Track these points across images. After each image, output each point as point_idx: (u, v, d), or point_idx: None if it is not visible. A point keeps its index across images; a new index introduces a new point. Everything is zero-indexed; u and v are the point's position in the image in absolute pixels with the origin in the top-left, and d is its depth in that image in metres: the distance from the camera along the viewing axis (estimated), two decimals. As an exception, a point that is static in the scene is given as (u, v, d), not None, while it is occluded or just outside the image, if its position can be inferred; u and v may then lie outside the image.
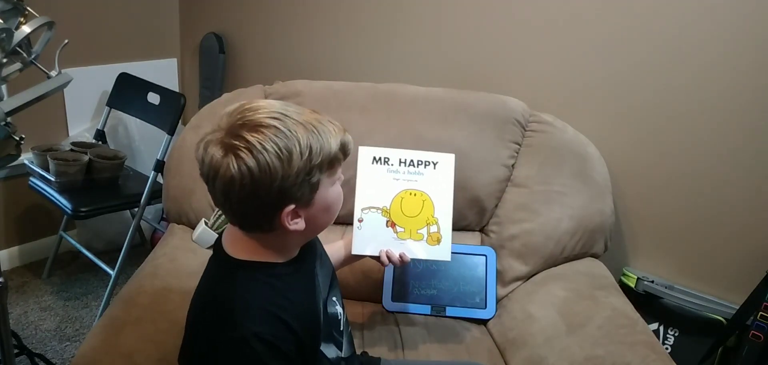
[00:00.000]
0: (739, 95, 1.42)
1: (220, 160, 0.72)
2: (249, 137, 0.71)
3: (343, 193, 0.87)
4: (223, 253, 0.83)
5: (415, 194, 1.19)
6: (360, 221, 1.17)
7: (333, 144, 0.77)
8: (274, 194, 0.73)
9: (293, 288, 0.82)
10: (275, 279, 0.81)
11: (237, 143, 0.71)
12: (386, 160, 1.20)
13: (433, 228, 1.19)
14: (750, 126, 1.43)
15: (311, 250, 0.92)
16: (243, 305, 0.76)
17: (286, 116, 0.74)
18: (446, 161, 1.21)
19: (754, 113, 1.42)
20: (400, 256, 1.14)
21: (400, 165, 1.20)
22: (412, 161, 1.21)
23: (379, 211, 1.18)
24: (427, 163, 1.21)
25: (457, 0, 1.79)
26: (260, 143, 0.71)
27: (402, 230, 1.18)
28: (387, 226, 1.18)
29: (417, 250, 1.18)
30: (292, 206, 0.76)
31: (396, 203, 1.19)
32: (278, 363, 0.74)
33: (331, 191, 0.82)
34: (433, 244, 1.18)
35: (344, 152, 0.81)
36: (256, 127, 0.72)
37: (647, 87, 1.54)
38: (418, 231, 1.18)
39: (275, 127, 0.72)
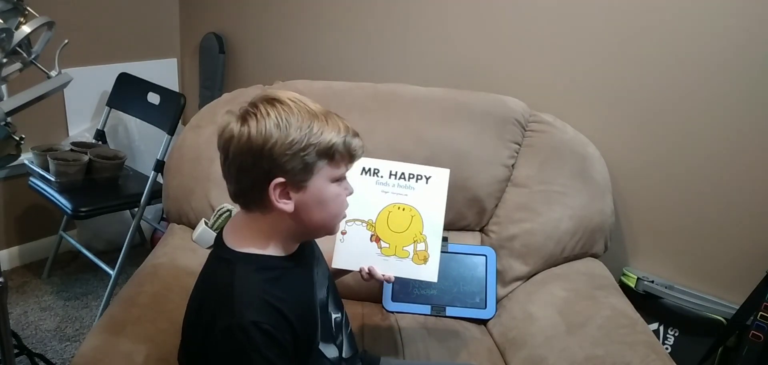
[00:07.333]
0: (740, 95, 1.42)
1: (229, 122, 0.78)
2: (261, 107, 0.77)
3: (346, 203, 0.87)
4: (224, 246, 0.84)
5: (403, 209, 1.13)
6: (343, 233, 1.11)
7: (334, 136, 0.80)
8: (266, 159, 0.76)
9: (291, 282, 0.84)
10: (274, 271, 0.82)
11: (251, 110, 0.78)
12: (376, 171, 1.14)
13: (421, 246, 1.11)
14: (750, 126, 1.43)
15: (310, 251, 0.93)
16: (242, 294, 0.77)
17: (303, 101, 0.80)
18: (440, 176, 1.14)
19: (754, 113, 1.42)
20: (384, 276, 1.07)
21: (390, 178, 1.14)
22: (403, 174, 1.14)
23: (364, 224, 1.12)
24: (419, 177, 1.14)
25: (458, 0, 1.79)
26: (267, 112, 0.76)
27: (387, 245, 1.11)
28: (371, 241, 1.11)
29: (401, 268, 1.10)
30: (281, 179, 0.78)
31: (382, 217, 1.12)
32: (275, 352, 0.75)
33: (330, 187, 0.83)
34: (419, 263, 1.11)
35: (349, 151, 0.82)
36: (272, 101, 0.78)
37: (647, 87, 1.54)
38: (404, 248, 1.11)
39: (288, 105, 0.78)
